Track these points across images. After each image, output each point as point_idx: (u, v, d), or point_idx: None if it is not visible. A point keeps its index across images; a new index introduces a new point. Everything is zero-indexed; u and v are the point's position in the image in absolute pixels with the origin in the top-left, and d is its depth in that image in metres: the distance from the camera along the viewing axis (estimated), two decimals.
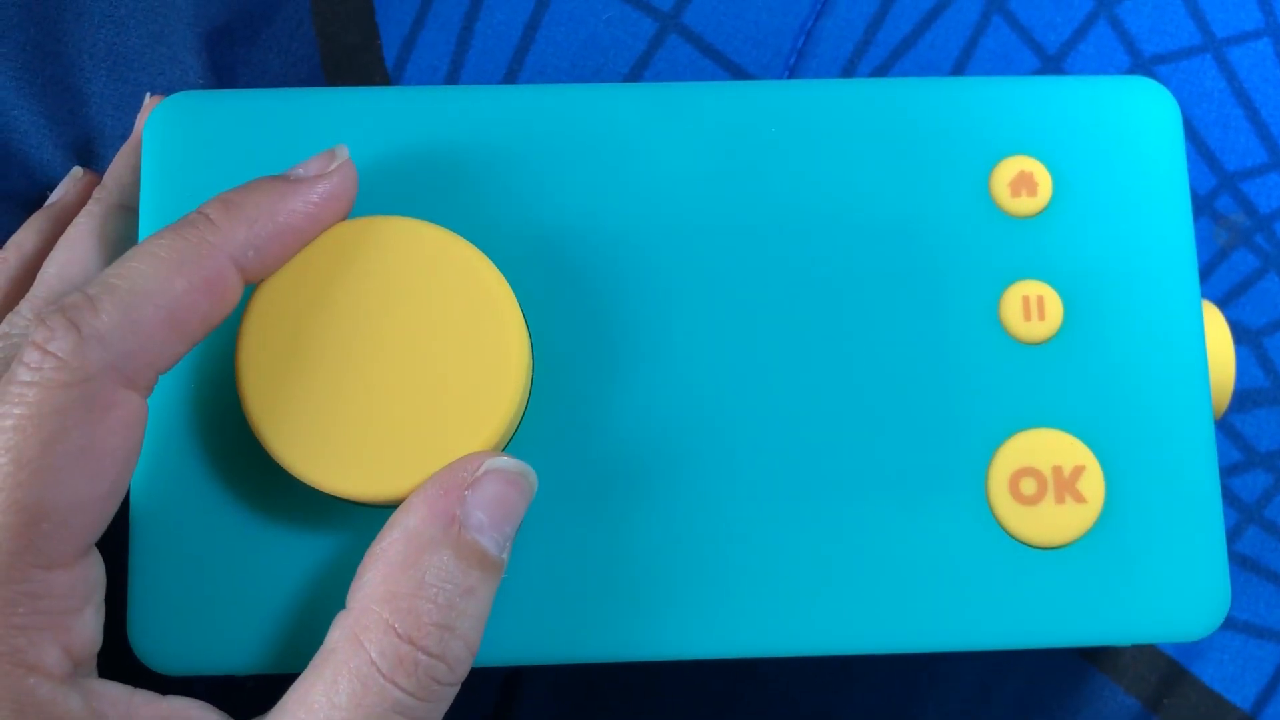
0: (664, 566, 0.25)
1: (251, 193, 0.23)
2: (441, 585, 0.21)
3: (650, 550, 0.25)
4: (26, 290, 0.27)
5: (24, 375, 0.20)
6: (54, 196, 0.30)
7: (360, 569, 0.22)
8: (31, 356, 0.21)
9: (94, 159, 0.32)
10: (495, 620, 0.24)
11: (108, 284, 0.21)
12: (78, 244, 0.27)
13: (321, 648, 0.21)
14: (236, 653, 0.24)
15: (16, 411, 0.20)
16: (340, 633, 0.21)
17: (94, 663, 0.22)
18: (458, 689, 0.22)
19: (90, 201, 0.28)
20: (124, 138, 0.31)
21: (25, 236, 0.29)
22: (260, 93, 0.27)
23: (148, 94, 0.30)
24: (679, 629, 0.25)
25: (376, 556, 0.22)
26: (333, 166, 0.24)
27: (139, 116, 0.29)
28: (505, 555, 0.22)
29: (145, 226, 0.26)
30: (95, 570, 0.22)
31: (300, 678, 0.21)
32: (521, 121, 0.26)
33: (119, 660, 0.29)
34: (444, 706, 0.22)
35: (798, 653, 0.25)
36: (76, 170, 0.30)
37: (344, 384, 0.24)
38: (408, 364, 0.24)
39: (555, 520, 0.25)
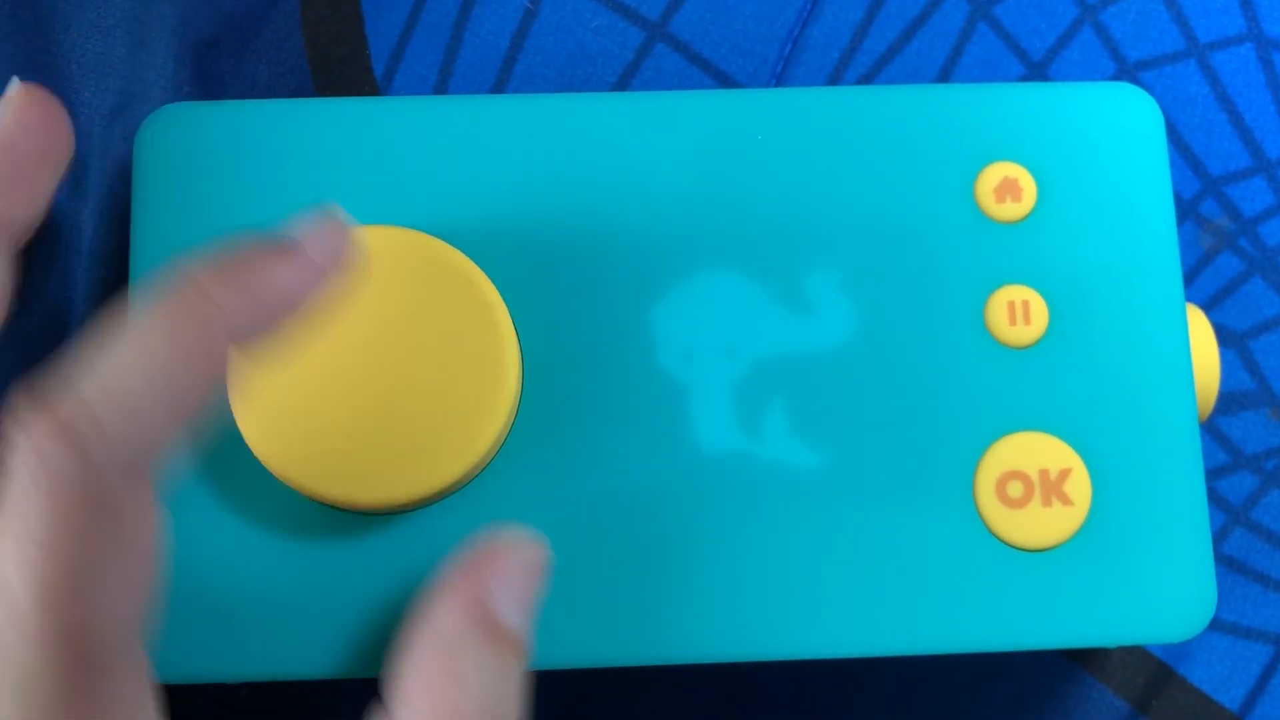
0: (655, 571, 0.25)
1: (255, 271, 0.21)
2: (482, 683, 0.21)
3: (642, 556, 0.25)
4: None
5: (29, 490, 0.19)
6: None
7: (396, 667, 0.21)
8: (34, 469, 0.19)
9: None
10: None
11: (102, 383, 0.20)
12: None
13: None
14: (229, 660, 0.25)
15: (36, 533, 0.19)
16: None
17: None
18: None
19: None
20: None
21: None
22: (250, 104, 0.27)
23: (14, 79, 0.25)
24: (670, 634, 0.25)
25: (413, 661, 0.21)
26: (340, 243, 0.22)
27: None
28: (529, 633, 0.22)
29: (138, 240, 0.26)
30: (150, 670, 0.20)
31: None
32: (511, 131, 0.26)
33: None
34: None
35: (785, 657, 0.25)
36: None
37: (335, 391, 0.24)
38: (399, 372, 0.24)
39: (549, 529, 0.25)
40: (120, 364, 0.20)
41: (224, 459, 0.25)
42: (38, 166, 0.22)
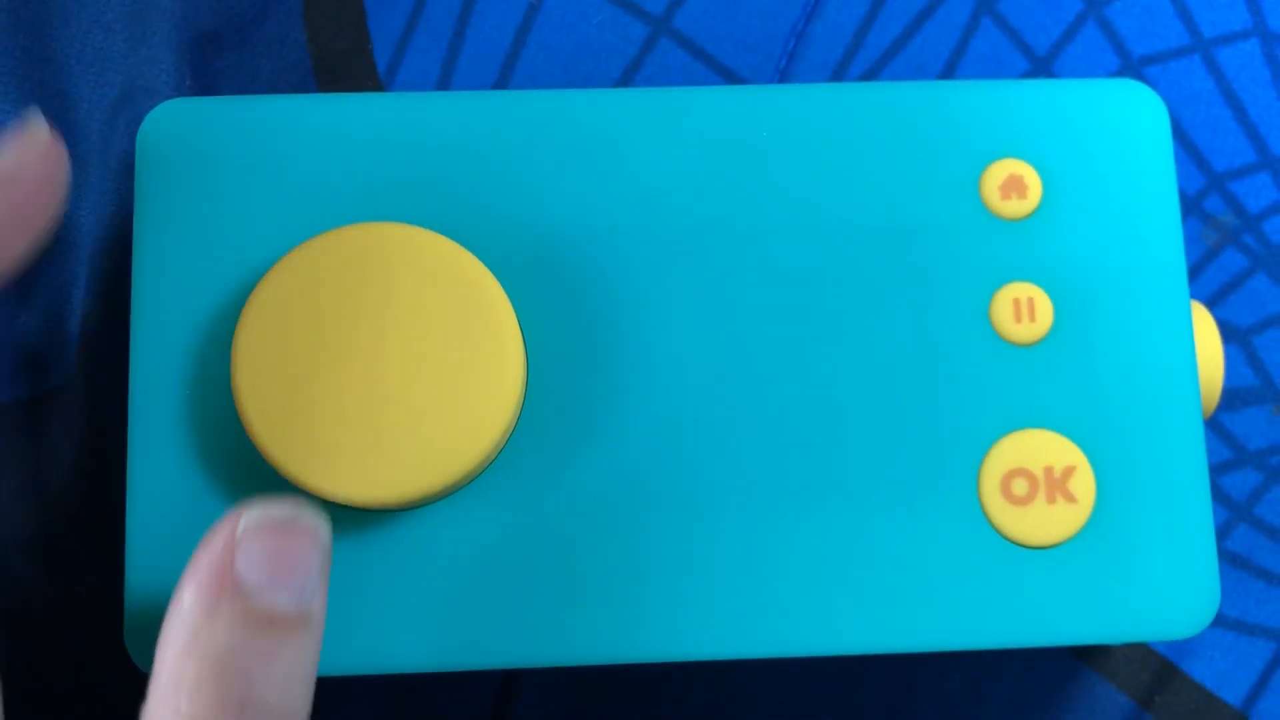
0: (657, 569, 0.25)
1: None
2: (227, 662, 0.20)
3: (644, 552, 0.25)
4: None
5: None
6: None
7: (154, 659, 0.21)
8: None
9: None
10: (488, 623, 0.25)
11: None
12: None
13: None
14: None
15: None
16: None
17: None
18: None
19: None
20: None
21: None
22: (252, 99, 0.27)
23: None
24: (672, 631, 0.25)
25: (161, 646, 0.20)
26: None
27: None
28: (313, 604, 0.21)
29: (141, 236, 0.26)
30: None
31: None
32: (514, 127, 0.26)
33: (120, 665, 0.29)
34: None
35: (790, 654, 0.25)
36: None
37: (340, 390, 0.24)
38: (403, 369, 0.24)
39: (550, 523, 0.25)
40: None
41: (229, 456, 0.25)
42: (33, 210, 0.22)
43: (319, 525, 0.21)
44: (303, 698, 0.20)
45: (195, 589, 0.20)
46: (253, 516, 0.21)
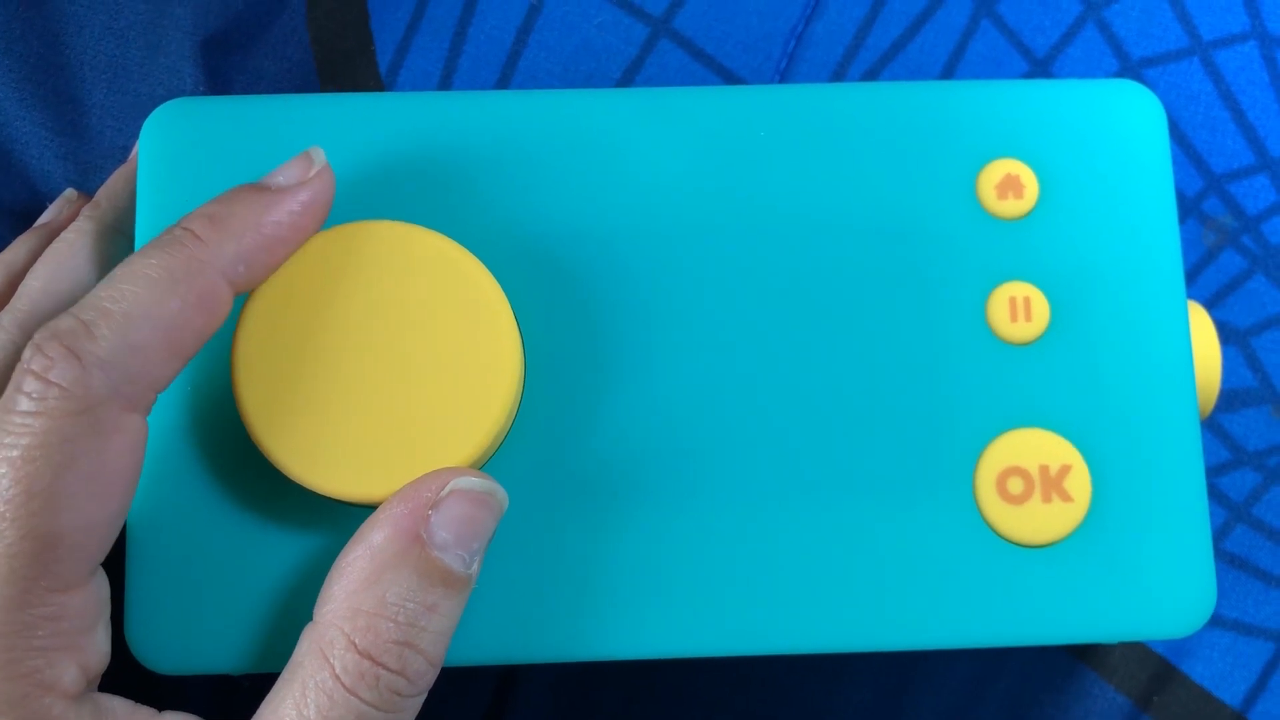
0: (653, 566, 0.25)
1: (235, 205, 0.23)
2: (402, 604, 0.22)
3: (640, 550, 0.25)
4: None
5: (26, 405, 0.21)
6: (45, 217, 0.30)
7: (327, 581, 0.22)
8: (33, 386, 0.21)
9: (93, 170, 0.32)
10: (486, 620, 0.25)
11: (101, 308, 0.22)
12: (66, 259, 0.27)
13: (290, 660, 0.22)
14: (233, 652, 0.25)
15: (24, 442, 0.20)
16: (307, 646, 0.22)
17: (99, 678, 0.22)
18: (422, 698, 0.22)
19: (81, 218, 0.28)
20: (124, 149, 0.32)
21: (14, 254, 0.28)
22: (255, 99, 0.27)
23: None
24: (669, 628, 0.25)
25: (341, 571, 0.22)
26: (312, 173, 0.24)
27: (136, 143, 0.29)
28: (474, 570, 0.23)
29: (142, 233, 0.26)
30: (104, 588, 0.22)
31: (272, 690, 0.22)
32: (514, 126, 0.26)
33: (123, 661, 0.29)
34: (409, 715, 0.22)
35: (787, 651, 0.25)
36: (69, 192, 0.30)
37: (339, 386, 0.24)
38: (402, 367, 0.24)
39: (546, 520, 0.25)
40: (120, 296, 0.22)
41: (230, 454, 0.25)
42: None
43: (505, 502, 0.24)
44: (444, 652, 0.22)
45: (392, 531, 0.22)
46: (461, 482, 0.23)
